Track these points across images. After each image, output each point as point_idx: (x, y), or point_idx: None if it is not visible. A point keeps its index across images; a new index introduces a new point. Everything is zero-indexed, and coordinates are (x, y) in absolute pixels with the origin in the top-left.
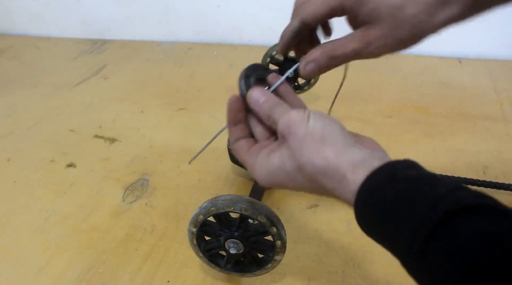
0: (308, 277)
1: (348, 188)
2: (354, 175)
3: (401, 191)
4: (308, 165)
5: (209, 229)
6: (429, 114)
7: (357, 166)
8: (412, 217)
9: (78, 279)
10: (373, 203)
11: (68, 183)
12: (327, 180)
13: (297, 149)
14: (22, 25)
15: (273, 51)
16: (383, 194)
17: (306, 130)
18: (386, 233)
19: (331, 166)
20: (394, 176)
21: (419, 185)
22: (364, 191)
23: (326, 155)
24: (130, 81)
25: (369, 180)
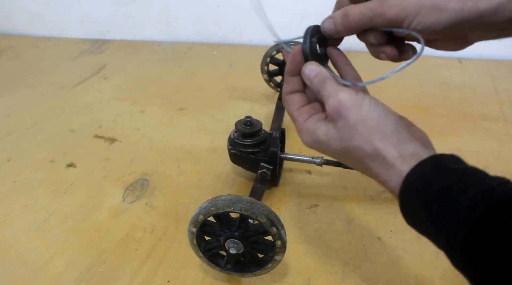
0: (308, 277)
1: (395, 177)
2: (402, 166)
3: (450, 181)
4: (357, 150)
5: (209, 229)
6: (429, 114)
7: (406, 158)
8: (460, 206)
9: (78, 279)
10: (420, 191)
11: (68, 183)
12: (375, 165)
13: (347, 134)
14: (22, 25)
15: (273, 51)
16: (431, 183)
17: (359, 116)
18: (432, 222)
19: (380, 155)
20: (443, 167)
21: (468, 177)
22: (411, 180)
23: (377, 145)
24: (130, 81)
25: (416, 170)
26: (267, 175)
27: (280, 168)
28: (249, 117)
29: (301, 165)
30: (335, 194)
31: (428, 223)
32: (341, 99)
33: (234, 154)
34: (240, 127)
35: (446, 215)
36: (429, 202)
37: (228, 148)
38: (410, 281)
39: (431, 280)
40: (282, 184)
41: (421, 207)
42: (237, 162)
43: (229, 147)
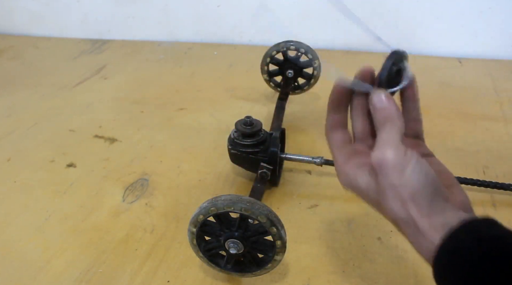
0: (308, 277)
1: (425, 247)
2: (432, 237)
3: (487, 251)
4: (390, 211)
5: (209, 229)
6: (429, 114)
7: (437, 229)
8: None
9: (78, 279)
10: (456, 264)
11: (68, 183)
12: (407, 231)
13: (384, 191)
14: (22, 25)
15: (273, 51)
16: (467, 253)
17: (399, 179)
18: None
19: (412, 222)
20: (478, 235)
21: (505, 245)
22: (445, 252)
23: (410, 212)
24: (130, 81)
25: (451, 240)
26: (267, 175)
27: (280, 168)
28: (249, 117)
29: (301, 165)
30: (335, 194)
31: None
32: (387, 157)
33: (234, 154)
34: (240, 127)
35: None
36: (466, 276)
37: (228, 148)
38: (410, 281)
39: (431, 280)
40: (282, 184)
41: (458, 280)
42: (237, 162)
43: (229, 147)
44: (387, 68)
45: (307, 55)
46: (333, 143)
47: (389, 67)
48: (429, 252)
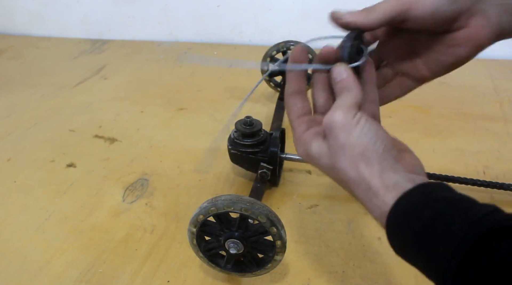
0: (308, 277)
1: (378, 207)
2: (384, 197)
3: (439, 210)
4: (342, 172)
5: (209, 229)
6: (429, 114)
7: (389, 189)
8: (451, 235)
9: (78, 279)
10: (408, 222)
11: (68, 183)
12: (359, 191)
13: (335, 153)
14: (22, 25)
15: (273, 51)
16: (420, 213)
17: (348, 139)
18: (422, 252)
19: (363, 182)
20: (430, 196)
21: (457, 206)
22: (398, 211)
23: (361, 172)
24: (130, 81)
25: (403, 200)
26: (267, 175)
27: (280, 168)
28: (249, 117)
29: (301, 165)
30: (335, 194)
31: (417, 254)
32: (335, 119)
33: (234, 154)
34: (240, 127)
35: (436, 247)
36: (417, 233)
37: (228, 148)
38: (410, 281)
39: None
40: (282, 184)
41: (409, 238)
42: (237, 162)
43: (229, 147)
44: (347, 46)
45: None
46: (294, 110)
47: (349, 46)
48: (382, 213)
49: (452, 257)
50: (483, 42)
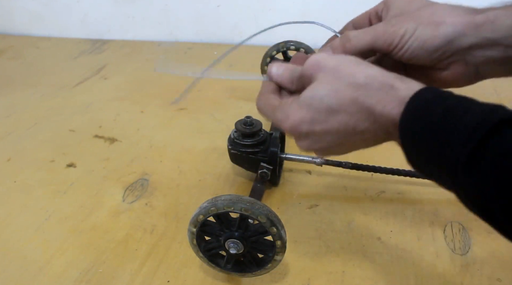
0: (308, 277)
1: (397, 97)
2: (403, 84)
3: (451, 105)
4: (349, 85)
5: (209, 229)
6: None
7: (403, 79)
8: (464, 125)
9: (78, 279)
10: (422, 116)
11: (68, 183)
12: (371, 94)
13: (332, 76)
14: (22, 25)
15: (273, 51)
16: (433, 107)
17: (337, 60)
18: (435, 143)
19: (376, 80)
20: (442, 94)
21: (468, 102)
22: (413, 104)
23: (369, 72)
24: (130, 81)
25: (418, 95)
26: (267, 175)
27: (280, 168)
28: (249, 117)
29: (301, 165)
30: (335, 194)
31: (430, 145)
32: (316, 57)
33: (234, 154)
34: (240, 127)
35: (448, 138)
36: (431, 124)
37: (228, 148)
38: (410, 281)
39: (431, 280)
40: (282, 184)
41: (423, 131)
42: (237, 162)
43: (229, 147)
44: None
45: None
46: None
47: None
48: (398, 109)
49: (464, 146)
50: (459, 85)
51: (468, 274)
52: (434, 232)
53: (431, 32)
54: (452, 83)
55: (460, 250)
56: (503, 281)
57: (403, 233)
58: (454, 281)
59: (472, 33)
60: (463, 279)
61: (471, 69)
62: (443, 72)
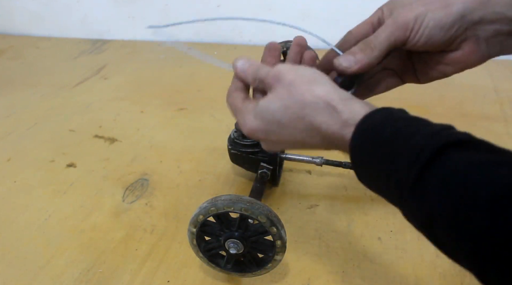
0: (308, 277)
1: (339, 119)
2: (345, 107)
3: (399, 127)
4: (297, 104)
5: (209, 229)
6: (429, 114)
7: (347, 100)
8: (410, 148)
9: (78, 279)
10: (371, 137)
11: (68, 183)
12: (317, 114)
13: (286, 91)
14: (22, 25)
15: None
16: (382, 130)
17: (295, 75)
18: (383, 165)
19: (321, 100)
20: (392, 116)
21: (416, 123)
22: (362, 127)
23: (316, 93)
24: (130, 81)
25: (367, 119)
26: (267, 175)
27: (280, 168)
28: None
29: (301, 165)
30: (335, 194)
31: (378, 168)
32: (280, 68)
33: (234, 154)
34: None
35: (396, 158)
36: (379, 147)
37: (228, 148)
38: (410, 281)
39: (431, 280)
40: (282, 184)
41: (372, 153)
42: (237, 162)
43: (229, 147)
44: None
45: None
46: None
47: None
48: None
49: (411, 169)
50: (470, 64)
51: (468, 274)
52: None
53: (444, 11)
54: (465, 63)
55: None
56: None
57: (403, 233)
58: (454, 281)
59: (480, 7)
60: (463, 279)
61: (482, 46)
62: (455, 53)
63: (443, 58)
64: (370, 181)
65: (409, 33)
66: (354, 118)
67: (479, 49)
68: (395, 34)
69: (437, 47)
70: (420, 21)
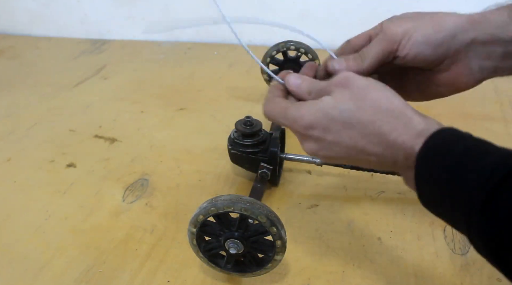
0: (308, 277)
1: (413, 129)
2: (421, 119)
3: (471, 146)
4: (371, 107)
5: (209, 229)
6: (429, 114)
7: (422, 116)
8: (483, 166)
9: (78, 279)
10: (440, 155)
11: (68, 183)
12: (389, 121)
13: (359, 94)
14: (22, 25)
15: (273, 51)
16: (453, 145)
17: (367, 81)
18: (452, 183)
19: (397, 109)
20: (461, 135)
21: (487, 145)
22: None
23: (393, 101)
24: (130, 81)
25: (438, 134)
26: (267, 175)
27: (280, 168)
28: (249, 117)
29: (301, 165)
30: (335, 194)
31: (446, 186)
32: (347, 75)
33: (234, 154)
34: (240, 127)
35: (466, 177)
36: (449, 164)
37: (228, 148)
38: (410, 281)
39: (431, 280)
40: (282, 184)
41: (440, 170)
42: (237, 162)
43: (229, 147)
44: None
45: (307, 55)
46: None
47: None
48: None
49: (481, 188)
50: (462, 87)
51: (468, 274)
52: (434, 232)
53: (434, 28)
54: (457, 85)
55: (460, 250)
56: (503, 281)
57: (403, 233)
58: (454, 281)
59: (472, 27)
60: (463, 279)
61: (474, 69)
62: (444, 73)
63: (435, 78)
64: (434, 200)
65: (396, 46)
66: (428, 130)
67: (470, 72)
68: (384, 46)
69: (427, 64)
70: (408, 35)
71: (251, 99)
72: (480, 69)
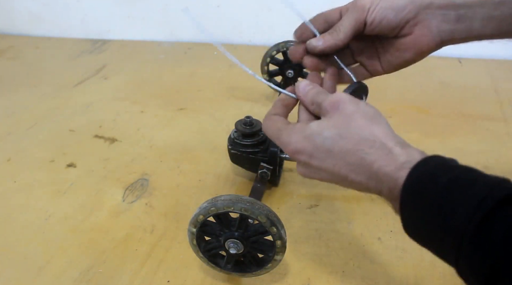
0: (308, 277)
1: (394, 161)
2: (402, 150)
3: (457, 175)
4: (352, 136)
5: (209, 229)
6: (429, 115)
7: (404, 145)
8: (470, 197)
9: (78, 279)
10: (426, 187)
11: (68, 183)
12: (371, 151)
13: (343, 122)
14: (22, 25)
15: (273, 51)
16: (438, 176)
17: (356, 109)
18: (439, 214)
19: (378, 140)
20: (445, 164)
21: (472, 173)
22: (416, 173)
23: (375, 132)
24: (130, 81)
25: (421, 164)
26: (267, 175)
27: (280, 168)
28: (249, 117)
29: None
30: (335, 194)
31: (433, 218)
32: (341, 96)
33: (234, 154)
34: (240, 127)
35: (455, 208)
36: (435, 195)
37: (228, 148)
38: (410, 281)
39: (431, 280)
40: (282, 184)
41: (426, 202)
42: (237, 162)
43: (229, 147)
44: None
45: None
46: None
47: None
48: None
49: (471, 218)
50: (424, 49)
51: None
52: None
53: None
54: (419, 47)
55: None
56: None
57: (403, 233)
58: (454, 281)
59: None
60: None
61: (433, 31)
62: (408, 37)
63: (400, 43)
64: (419, 231)
65: (365, 14)
66: (411, 162)
67: (430, 34)
68: (356, 16)
69: (392, 30)
70: (375, 4)
71: (251, 99)
72: (438, 31)
